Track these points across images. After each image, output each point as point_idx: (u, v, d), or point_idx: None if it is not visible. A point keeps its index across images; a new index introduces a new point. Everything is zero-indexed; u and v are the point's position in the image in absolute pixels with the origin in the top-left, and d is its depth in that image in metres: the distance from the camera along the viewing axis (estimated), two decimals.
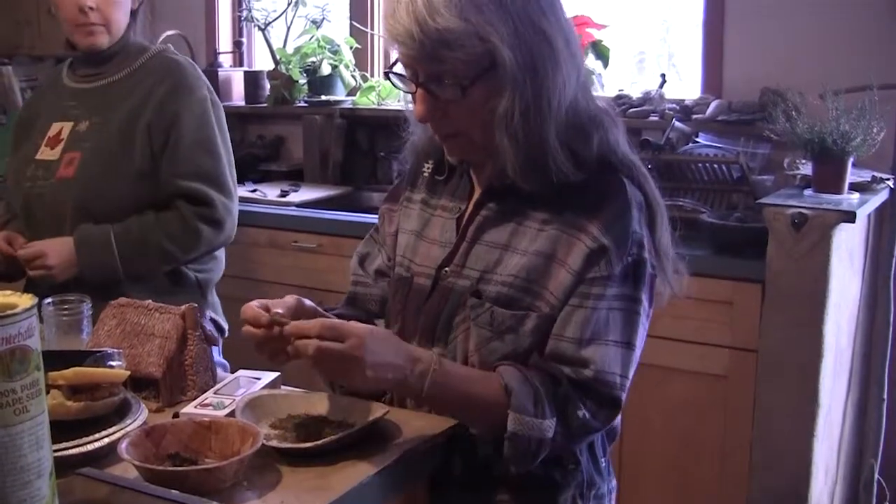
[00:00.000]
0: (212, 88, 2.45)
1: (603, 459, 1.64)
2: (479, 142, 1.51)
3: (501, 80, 1.43)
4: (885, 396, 3.00)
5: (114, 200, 2.31)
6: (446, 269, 1.59)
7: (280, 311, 1.46)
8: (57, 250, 2.27)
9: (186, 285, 2.42)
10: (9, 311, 1.06)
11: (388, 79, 1.54)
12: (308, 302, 1.57)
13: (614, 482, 1.69)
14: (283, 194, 3.80)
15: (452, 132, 1.52)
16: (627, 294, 1.49)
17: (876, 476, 3.01)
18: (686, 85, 3.64)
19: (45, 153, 2.37)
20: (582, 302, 1.47)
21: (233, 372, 1.78)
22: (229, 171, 2.40)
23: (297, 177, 4.14)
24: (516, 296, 1.51)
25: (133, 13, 2.40)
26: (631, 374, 1.52)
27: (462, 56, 1.41)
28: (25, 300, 1.10)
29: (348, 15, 4.23)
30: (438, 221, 1.65)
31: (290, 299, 1.54)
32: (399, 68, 1.51)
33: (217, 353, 2.48)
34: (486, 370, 1.51)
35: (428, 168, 1.72)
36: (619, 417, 1.59)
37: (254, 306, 1.50)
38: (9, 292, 1.12)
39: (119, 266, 2.29)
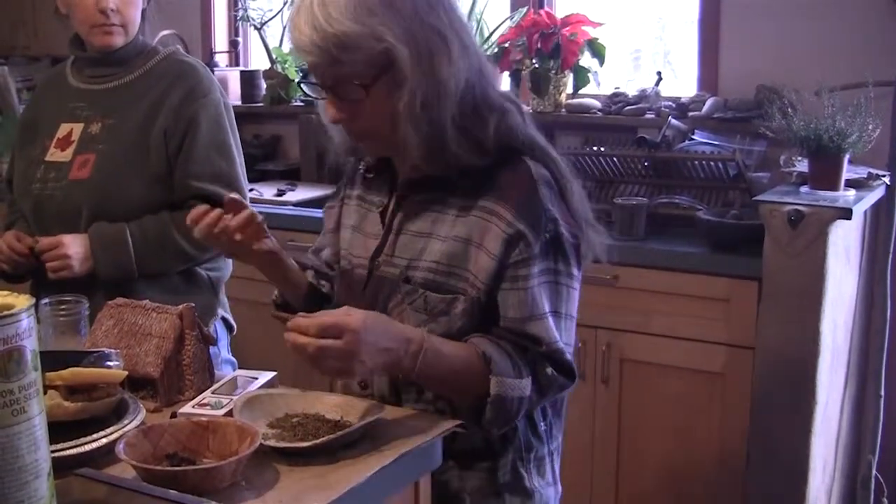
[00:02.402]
0: (223, 91, 2.45)
1: (542, 423, 1.73)
2: (388, 137, 1.60)
3: (400, 76, 1.53)
4: (883, 392, 3.00)
5: (129, 202, 2.30)
6: (378, 259, 1.71)
7: (284, 314, 1.53)
8: (75, 242, 2.26)
9: (200, 284, 2.42)
10: (6, 312, 1.06)
11: (300, 88, 1.63)
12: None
13: (556, 444, 1.79)
14: (280, 193, 3.80)
15: (363, 132, 1.62)
16: (550, 268, 1.59)
17: (873, 472, 3.01)
18: (682, 82, 3.64)
19: (55, 154, 2.36)
20: (512, 285, 1.58)
21: (240, 369, 1.79)
22: (242, 173, 2.41)
23: (293, 176, 4.13)
24: (441, 280, 1.61)
25: (142, 13, 2.40)
26: (571, 339, 1.64)
27: (361, 58, 1.52)
28: (23, 301, 1.10)
29: None
30: (372, 217, 1.77)
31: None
32: (311, 77, 1.62)
33: (226, 351, 2.49)
34: None
35: (363, 166, 1.83)
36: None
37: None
38: (6, 293, 1.12)
39: (134, 263, 2.29)
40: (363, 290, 1.72)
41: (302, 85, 1.68)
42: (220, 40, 4.55)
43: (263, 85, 4.23)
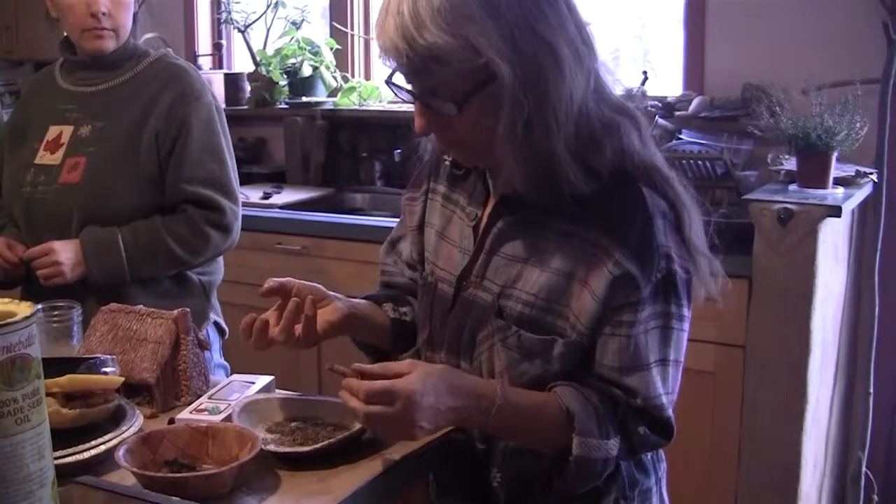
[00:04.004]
0: (215, 94, 2.44)
1: (647, 455, 1.59)
2: (484, 149, 1.43)
3: (500, 95, 1.34)
4: (871, 390, 3.02)
5: (120, 205, 2.28)
6: (467, 279, 1.53)
7: (341, 367, 1.41)
8: (65, 248, 2.24)
9: (192, 289, 2.41)
10: (8, 320, 1.05)
11: (389, 88, 1.46)
12: (333, 297, 1.57)
13: (663, 468, 1.64)
14: (266, 196, 3.78)
15: (455, 141, 1.44)
16: (660, 311, 1.43)
17: (863, 469, 3.02)
18: (662, 82, 3.64)
19: (44, 157, 2.33)
20: (614, 330, 1.41)
21: (234, 374, 1.78)
22: (234, 176, 2.40)
23: (279, 179, 4.13)
24: (538, 316, 1.44)
25: (134, 16, 2.38)
26: (676, 387, 1.48)
27: (454, 71, 1.33)
28: (24, 308, 1.09)
29: (328, 15, 4.22)
30: (458, 223, 1.58)
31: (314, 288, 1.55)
32: (398, 78, 1.43)
33: (218, 355, 2.48)
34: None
35: (447, 158, 1.63)
36: None
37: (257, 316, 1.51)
38: (7, 300, 1.11)
39: (126, 268, 2.27)
40: (448, 311, 1.55)
41: (390, 86, 1.44)
42: (204, 43, 4.54)
43: (248, 87, 4.23)
